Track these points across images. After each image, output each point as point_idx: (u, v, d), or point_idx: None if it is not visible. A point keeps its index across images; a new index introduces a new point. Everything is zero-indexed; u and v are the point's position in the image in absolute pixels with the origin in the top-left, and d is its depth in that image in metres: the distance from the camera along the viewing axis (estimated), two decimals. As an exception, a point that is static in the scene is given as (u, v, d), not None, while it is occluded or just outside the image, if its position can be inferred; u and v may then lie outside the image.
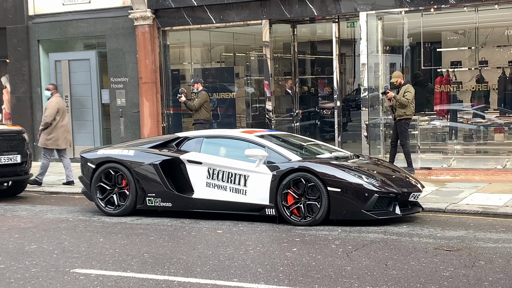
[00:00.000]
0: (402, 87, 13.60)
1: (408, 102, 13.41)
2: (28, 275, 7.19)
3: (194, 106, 14.61)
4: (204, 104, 14.64)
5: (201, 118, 14.67)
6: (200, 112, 14.65)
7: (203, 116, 14.68)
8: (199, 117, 14.68)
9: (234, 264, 7.41)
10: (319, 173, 9.34)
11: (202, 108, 14.63)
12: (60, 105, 14.20)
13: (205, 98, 14.69)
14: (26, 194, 13.43)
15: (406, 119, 13.57)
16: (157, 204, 10.42)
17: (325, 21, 16.28)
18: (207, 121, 14.79)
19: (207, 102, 14.74)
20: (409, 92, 13.44)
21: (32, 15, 18.45)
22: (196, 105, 14.58)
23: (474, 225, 9.34)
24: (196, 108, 14.59)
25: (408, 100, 13.39)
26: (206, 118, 14.75)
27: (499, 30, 15.54)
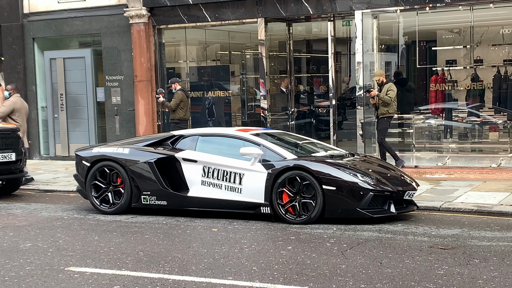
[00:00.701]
0: (385, 85, 13.70)
1: (391, 100, 13.55)
2: (22, 273, 7.18)
3: (171, 106, 14.80)
4: (180, 104, 14.81)
5: (176, 118, 14.88)
6: (176, 112, 14.86)
7: (178, 116, 14.88)
8: (175, 116, 14.90)
9: (229, 262, 7.41)
10: (314, 172, 9.35)
11: (178, 108, 14.81)
12: (17, 105, 14.04)
13: (181, 98, 14.83)
14: (20, 192, 13.41)
15: (388, 117, 13.70)
16: (152, 202, 10.41)
17: (320, 19, 16.31)
18: (183, 121, 15.00)
19: (183, 102, 14.87)
20: (391, 91, 13.56)
21: (27, 13, 18.41)
22: (172, 105, 14.77)
23: (469, 223, 9.36)
24: (173, 108, 14.78)
25: (391, 98, 13.52)
26: (182, 117, 14.94)
27: (494, 29, 15.56)
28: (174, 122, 14.88)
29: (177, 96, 14.81)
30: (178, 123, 14.82)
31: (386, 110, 13.63)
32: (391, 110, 13.68)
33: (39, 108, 18.60)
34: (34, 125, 18.54)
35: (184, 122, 15.00)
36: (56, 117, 18.32)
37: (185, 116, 14.99)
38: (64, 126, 18.25)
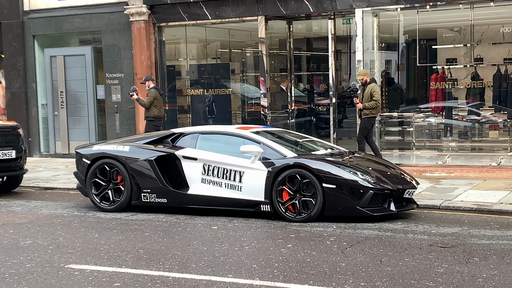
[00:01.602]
0: (368, 85, 13.70)
1: (377, 104, 13.61)
2: (22, 270, 7.18)
3: (145, 104, 15.00)
4: (154, 102, 15.00)
5: (151, 116, 15.08)
6: (150, 110, 15.05)
7: (152, 114, 15.07)
8: (149, 114, 15.11)
9: (229, 260, 7.42)
10: (314, 170, 9.35)
11: (152, 105, 15.00)
12: None
13: (154, 95, 15.01)
14: (21, 189, 13.42)
15: (370, 118, 13.72)
16: (152, 200, 10.42)
17: (321, 17, 16.30)
18: (157, 118, 15.18)
19: (157, 99, 15.07)
20: (376, 92, 13.58)
21: (27, 11, 18.40)
22: (146, 103, 14.98)
23: (469, 222, 9.37)
24: (147, 106, 14.98)
25: (376, 102, 13.57)
26: (156, 115, 15.13)
27: (495, 27, 15.55)
28: (149, 120, 15.13)
29: (150, 94, 15.03)
30: (152, 120, 15.09)
31: (370, 111, 13.66)
32: (374, 111, 13.72)
33: (39, 105, 18.60)
34: (34, 122, 18.55)
35: (158, 119, 15.23)
36: (56, 114, 18.32)
37: (159, 113, 15.21)
38: (64, 124, 18.25)
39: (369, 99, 13.54)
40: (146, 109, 15.10)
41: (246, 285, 6.48)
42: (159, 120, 15.21)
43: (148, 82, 15.19)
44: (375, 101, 13.52)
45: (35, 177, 14.62)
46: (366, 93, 13.61)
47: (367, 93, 13.59)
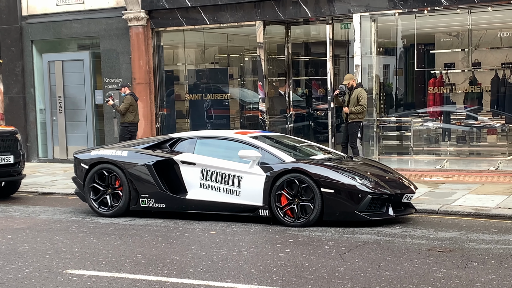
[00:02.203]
0: (354, 90, 13.76)
1: (363, 109, 13.71)
2: (21, 275, 7.18)
3: (121, 110, 15.22)
4: (129, 108, 15.22)
5: (126, 121, 15.31)
6: (126, 116, 15.26)
7: (128, 120, 15.29)
8: (125, 120, 15.33)
9: (227, 265, 7.41)
10: (312, 174, 9.35)
11: (127, 111, 15.21)
12: None
13: (130, 102, 15.25)
14: (19, 194, 13.40)
15: (357, 122, 13.79)
16: (151, 205, 10.41)
17: (319, 22, 16.32)
18: (132, 124, 15.39)
19: (132, 106, 15.31)
20: (362, 97, 13.65)
21: (26, 16, 18.42)
22: (122, 109, 15.23)
23: (467, 226, 9.37)
24: (123, 112, 15.20)
25: (363, 106, 13.66)
26: (131, 121, 15.35)
27: (492, 32, 15.58)
28: (124, 126, 15.36)
29: (126, 100, 15.26)
30: (127, 126, 15.32)
31: (356, 115, 13.75)
32: (361, 116, 13.82)
33: (38, 110, 18.60)
34: (33, 127, 18.55)
35: (133, 125, 15.44)
36: (55, 119, 18.32)
37: (135, 119, 15.43)
38: (62, 129, 18.25)
39: (356, 104, 13.64)
40: (121, 115, 15.34)
41: (245, 290, 6.49)
42: (134, 126, 15.45)
43: (124, 89, 15.46)
44: (361, 106, 13.62)
45: (33, 182, 14.61)
46: (353, 98, 13.69)
47: (354, 97, 13.68)
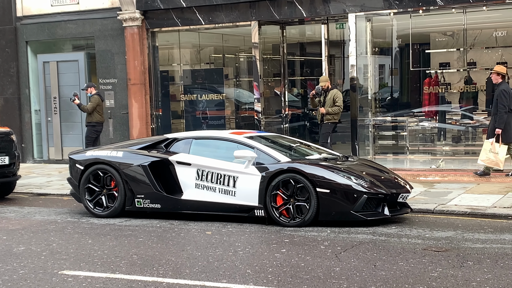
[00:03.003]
0: (330, 91, 14.01)
1: (339, 110, 13.98)
2: (16, 277, 7.16)
3: (88, 109, 15.49)
4: (96, 108, 15.53)
5: (93, 121, 15.62)
6: (92, 115, 15.55)
7: (95, 119, 15.61)
8: (92, 120, 15.62)
9: (223, 265, 7.40)
10: (308, 174, 9.35)
11: (94, 111, 15.50)
12: None
13: (97, 102, 15.56)
14: (14, 195, 13.38)
15: (332, 123, 14.04)
16: (146, 206, 10.40)
17: (314, 22, 16.33)
18: (99, 124, 15.75)
19: (99, 105, 15.65)
20: (338, 98, 13.93)
21: (20, 16, 18.38)
22: (89, 108, 15.53)
23: (463, 225, 9.38)
24: (90, 111, 15.49)
25: (339, 107, 13.93)
26: (98, 121, 15.69)
27: (487, 32, 15.61)
28: (91, 125, 15.64)
29: (93, 100, 15.55)
30: (95, 126, 15.64)
31: (332, 116, 13.99)
32: (336, 117, 14.08)
33: (33, 111, 18.56)
34: (28, 128, 18.51)
35: (100, 125, 15.79)
36: (50, 120, 18.29)
37: (101, 119, 15.80)
38: (57, 130, 18.22)
39: (332, 105, 13.90)
40: (88, 115, 15.60)
41: (240, 290, 6.48)
42: (100, 126, 15.79)
43: (90, 89, 15.75)
44: (338, 107, 13.91)
45: (28, 183, 14.58)
46: (329, 99, 13.95)
47: (329, 98, 13.94)
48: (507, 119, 12.54)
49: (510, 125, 12.60)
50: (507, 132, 12.58)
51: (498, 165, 12.65)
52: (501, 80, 12.72)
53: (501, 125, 12.49)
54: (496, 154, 12.46)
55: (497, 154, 12.46)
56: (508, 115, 12.53)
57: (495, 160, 12.53)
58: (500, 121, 12.49)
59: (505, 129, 12.54)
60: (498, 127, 12.51)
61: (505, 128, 12.54)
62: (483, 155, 12.68)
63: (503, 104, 12.46)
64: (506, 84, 12.80)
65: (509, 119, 12.57)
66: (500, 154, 12.45)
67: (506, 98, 12.45)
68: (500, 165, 12.61)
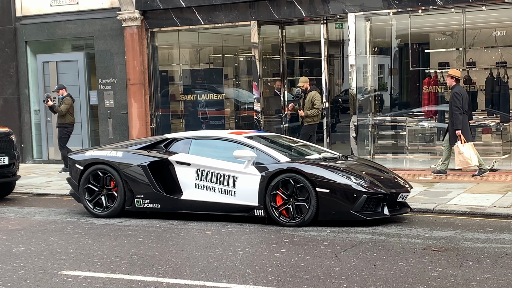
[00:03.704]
0: (309, 93, 14.25)
1: (318, 112, 14.24)
2: (15, 277, 7.16)
3: (61, 111, 15.62)
4: (69, 109, 15.71)
5: (66, 123, 15.81)
6: (65, 117, 15.73)
7: (68, 121, 15.83)
8: (64, 121, 15.79)
9: (223, 265, 7.40)
10: (307, 174, 9.35)
11: (67, 112, 15.70)
12: None
13: (70, 103, 15.78)
14: (13, 196, 13.37)
15: (312, 124, 14.35)
16: (146, 206, 10.40)
17: (313, 22, 16.33)
18: (71, 125, 15.92)
19: (71, 107, 15.79)
20: (317, 100, 14.18)
21: (20, 16, 18.37)
22: (63, 110, 15.67)
23: (462, 225, 9.38)
24: (63, 113, 15.64)
25: (318, 110, 14.20)
26: (70, 122, 15.92)
27: (487, 31, 15.61)
28: (64, 127, 15.79)
29: (67, 102, 15.76)
30: (67, 127, 15.85)
31: (312, 118, 14.26)
32: (316, 119, 14.36)
33: (32, 111, 18.55)
34: (27, 128, 18.50)
35: (71, 126, 16.00)
36: (49, 120, 18.27)
37: (73, 120, 16.00)
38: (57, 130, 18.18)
39: (310, 107, 14.12)
40: (61, 116, 15.72)
41: (240, 290, 6.48)
42: (72, 127, 15.99)
43: (62, 91, 15.96)
44: (316, 109, 14.17)
45: (28, 183, 14.58)
46: (307, 101, 14.19)
47: (308, 100, 14.18)
48: (463, 120, 12.84)
49: (465, 126, 12.89)
50: (464, 133, 12.86)
51: (469, 164, 12.88)
52: (455, 83, 13.04)
53: (459, 126, 12.79)
54: (462, 154, 12.73)
55: (463, 154, 12.74)
56: (463, 116, 12.85)
57: (464, 160, 12.80)
58: (457, 122, 12.79)
59: (462, 129, 12.83)
60: (457, 128, 12.80)
61: (462, 129, 12.83)
62: (456, 160, 12.94)
63: (456, 106, 12.78)
64: (459, 86, 13.11)
65: (465, 120, 12.90)
66: (465, 153, 12.73)
67: (459, 100, 12.77)
68: (471, 162, 12.84)
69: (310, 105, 14.12)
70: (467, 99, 12.99)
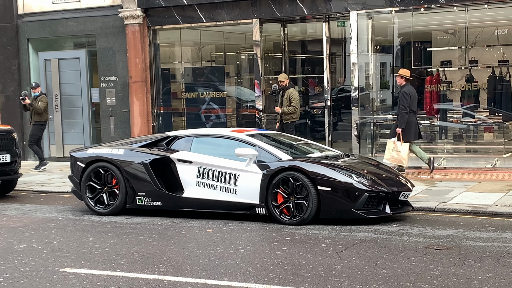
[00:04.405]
0: (287, 90, 14.42)
1: (295, 109, 14.41)
2: (17, 274, 7.16)
3: (40, 108, 15.83)
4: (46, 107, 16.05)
5: (42, 120, 16.13)
6: (42, 115, 15.99)
7: (44, 118, 16.13)
8: (41, 119, 16.08)
9: (224, 263, 7.40)
10: (309, 172, 9.34)
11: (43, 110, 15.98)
12: None
13: (47, 101, 16.14)
14: (15, 193, 13.38)
15: (291, 122, 14.53)
16: (147, 203, 10.40)
17: (315, 20, 16.31)
18: (45, 123, 16.23)
19: (47, 105, 16.15)
20: (294, 98, 14.35)
21: (22, 14, 18.36)
22: (42, 107, 15.86)
23: (464, 224, 9.37)
24: (42, 110, 15.87)
25: (295, 107, 14.37)
26: (46, 119, 16.23)
27: (489, 30, 15.59)
28: (40, 124, 16.05)
29: (44, 100, 16.07)
30: (43, 124, 16.13)
31: (291, 116, 14.41)
32: (295, 116, 14.52)
33: (34, 109, 18.54)
34: (29, 126, 18.47)
35: (45, 124, 16.28)
36: (51, 118, 18.26)
37: (47, 118, 16.29)
38: (59, 127, 18.22)
39: (288, 104, 14.30)
40: (38, 114, 15.91)
41: (241, 288, 6.48)
42: (46, 124, 16.29)
43: (38, 88, 16.18)
44: (293, 107, 14.33)
45: (29, 180, 14.59)
46: (285, 98, 14.35)
47: (286, 98, 14.33)
48: (410, 119, 13.19)
49: (412, 124, 13.24)
50: (409, 132, 13.21)
51: (402, 163, 13.25)
52: (404, 82, 13.34)
53: (402, 124, 13.14)
54: (398, 152, 13.08)
55: (399, 152, 13.08)
56: (410, 115, 13.18)
57: (398, 158, 13.15)
58: (401, 121, 13.16)
59: (408, 128, 13.17)
60: (399, 126, 13.16)
61: (408, 128, 13.17)
62: (388, 154, 13.26)
63: (403, 105, 13.13)
64: (409, 86, 13.37)
65: (412, 119, 13.24)
66: (402, 152, 13.09)
67: (407, 99, 13.10)
68: (404, 162, 13.24)
69: (288, 102, 14.30)
70: (415, 99, 13.34)
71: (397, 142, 13.10)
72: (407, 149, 13.13)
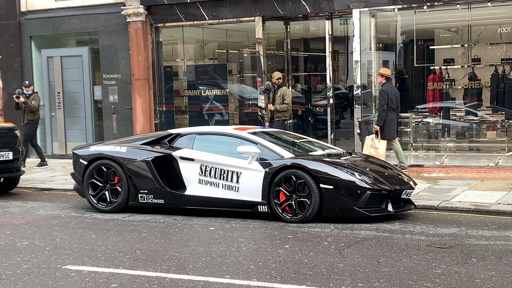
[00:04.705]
0: (280, 88, 14.50)
1: (288, 107, 14.49)
2: (19, 271, 7.16)
3: (35, 107, 16.01)
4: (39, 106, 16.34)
5: (36, 119, 16.31)
6: (35, 113, 16.15)
7: (37, 117, 16.28)
8: (34, 117, 16.24)
9: (226, 261, 7.40)
10: (311, 170, 9.33)
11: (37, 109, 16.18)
12: None
13: (40, 99, 16.34)
14: (18, 190, 13.40)
15: (282, 120, 14.56)
16: (150, 201, 10.40)
17: (318, 18, 16.29)
18: (38, 121, 16.39)
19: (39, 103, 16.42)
20: (287, 96, 14.46)
21: (24, 11, 18.37)
22: (36, 106, 16.04)
23: (466, 222, 9.36)
24: (36, 108, 16.05)
25: (288, 105, 14.45)
26: (38, 118, 16.37)
27: (492, 28, 15.55)
28: (33, 123, 16.21)
29: (38, 98, 16.29)
30: (36, 123, 16.28)
31: (282, 113, 14.47)
32: (286, 114, 14.59)
33: (36, 106, 18.55)
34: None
35: (38, 122, 16.45)
36: (54, 115, 18.30)
37: (40, 116, 16.48)
38: (61, 125, 18.23)
39: (281, 102, 14.36)
40: (31, 112, 16.04)
41: (244, 286, 6.47)
42: (38, 123, 16.44)
43: (32, 87, 16.41)
44: (286, 105, 14.40)
45: (32, 178, 14.60)
46: (278, 96, 14.43)
47: (279, 96, 14.41)
48: (390, 117, 13.29)
49: (391, 122, 13.34)
50: (389, 129, 13.30)
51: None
52: (384, 81, 13.41)
53: (380, 122, 13.29)
54: (376, 149, 13.16)
55: (377, 149, 13.16)
56: (390, 113, 13.28)
57: (375, 154, 13.13)
58: (379, 119, 13.33)
59: (387, 126, 13.27)
60: (377, 124, 13.34)
61: (387, 125, 13.26)
62: (365, 151, 13.31)
63: (381, 104, 13.25)
64: (388, 84, 13.47)
65: (391, 117, 13.33)
66: (380, 149, 13.17)
67: (385, 98, 13.22)
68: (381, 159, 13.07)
69: (281, 100, 14.34)
70: (396, 97, 13.39)
71: (375, 139, 13.24)
72: (384, 147, 13.24)
